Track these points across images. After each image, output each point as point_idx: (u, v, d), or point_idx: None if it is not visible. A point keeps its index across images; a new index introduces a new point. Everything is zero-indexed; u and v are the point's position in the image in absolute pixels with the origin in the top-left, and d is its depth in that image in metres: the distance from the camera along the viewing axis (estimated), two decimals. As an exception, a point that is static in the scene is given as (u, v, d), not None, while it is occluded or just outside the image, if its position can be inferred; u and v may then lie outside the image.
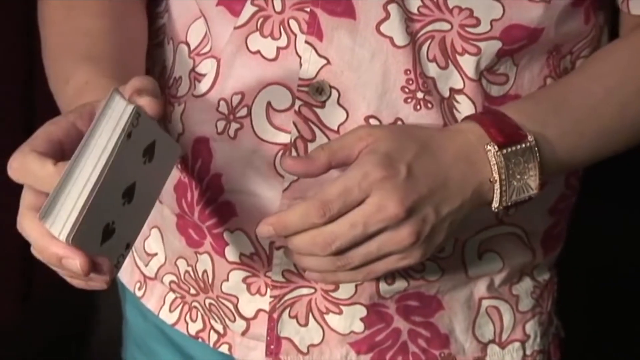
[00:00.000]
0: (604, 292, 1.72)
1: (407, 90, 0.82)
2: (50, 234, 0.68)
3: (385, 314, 0.89)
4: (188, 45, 0.89)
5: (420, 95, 0.82)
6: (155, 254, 0.96)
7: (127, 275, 1.00)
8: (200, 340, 0.94)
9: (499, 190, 0.77)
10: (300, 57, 0.82)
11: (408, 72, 0.81)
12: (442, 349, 0.91)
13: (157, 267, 0.96)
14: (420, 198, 0.74)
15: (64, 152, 0.71)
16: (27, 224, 0.70)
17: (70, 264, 0.68)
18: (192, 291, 0.93)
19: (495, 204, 0.78)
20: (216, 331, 0.93)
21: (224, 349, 0.93)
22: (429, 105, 0.82)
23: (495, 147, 0.77)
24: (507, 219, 0.89)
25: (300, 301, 0.88)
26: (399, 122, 0.82)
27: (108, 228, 0.70)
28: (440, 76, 0.82)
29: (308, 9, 0.82)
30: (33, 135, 0.71)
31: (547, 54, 0.86)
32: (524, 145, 0.78)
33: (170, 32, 0.92)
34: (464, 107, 0.83)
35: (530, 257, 0.93)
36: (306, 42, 0.82)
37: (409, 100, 0.82)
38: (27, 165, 0.69)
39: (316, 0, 0.81)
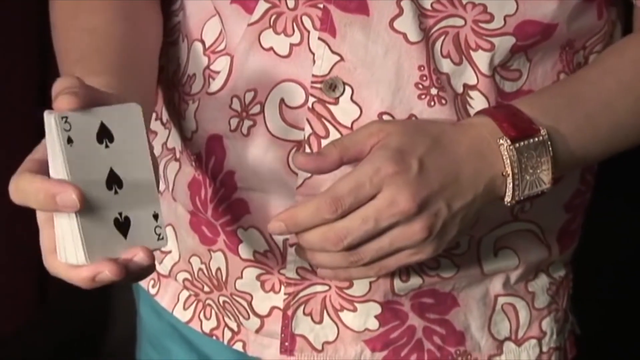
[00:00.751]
0: (618, 288, 1.72)
1: (420, 86, 0.81)
2: (73, 265, 0.68)
3: (400, 312, 0.88)
4: (203, 42, 0.89)
5: (434, 91, 0.81)
6: (169, 252, 0.96)
7: (141, 273, 0.99)
8: (214, 338, 0.94)
9: (511, 185, 0.77)
10: (313, 54, 0.82)
11: (422, 68, 0.81)
12: (457, 346, 0.91)
13: (171, 265, 0.96)
14: (432, 193, 0.74)
15: None
16: (51, 265, 0.70)
17: (103, 278, 0.67)
18: (206, 289, 0.93)
19: (507, 198, 0.78)
20: (230, 329, 0.93)
21: (238, 346, 0.93)
22: (443, 101, 0.82)
23: (508, 141, 0.76)
24: (522, 216, 0.88)
25: (315, 298, 0.88)
26: (413, 118, 0.81)
27: (119, 222, 0.69)
28: (454, 72, 0.82)
29: (321, 6, 0.81)
30: (26, 158, 0.70)
31: (560, 50, 0.86)
32: (536, 139, 0.77)
33: (184, 30, 0.92)
34: (478, 103, 0.83)
35: (546, 254, 0.92)
36: (319, 38, 0.81)
37: (423, 96, 0.81)
38: (23, 186, 0.67)
39: None
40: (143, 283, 1.00)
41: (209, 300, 0.94)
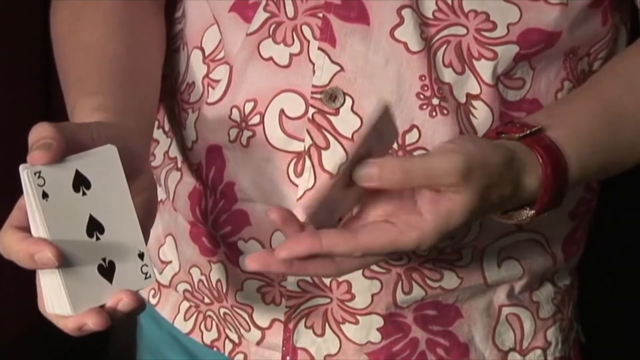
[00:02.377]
0: (622, 295, 1.71)
1: (422, 96, 0.80)
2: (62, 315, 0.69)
3: (403, 324, 0.88)
4: (203, 50, 0.88)
5: (435, 101, 0.80)
6: (170, 262, 0.95)
7: (141, 283, 0.99)
8: (215, 349, 0.94)
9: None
10: (313, 64, 0.81)
11: (423, 78, 0.80)
12: (461, 358, 0.90)
13: (172, 276, 0.95)
14: None
15: None
16: (44, 312, 0.71)
17: (90, 328, 0.68)
18: (207, 300, 0.92)
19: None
20: (231, 340, 0.93)
21: (239, 358, 0.92)
22: (445, 111, 0.81)
23: (533, 212, 0.75)
24: (526, 225, 0.87)
25: (316, 311, 0.87)
26: (415, 129, 0.81)
27: (104, 267, 0.69)
28: (456, 82, 0.81)
29: (321, 15, 0.80)
30: (15, 205, 0.70)
31: (563, 57, 0.85)
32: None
33: (185, 37, 0.91)
34: (481, 113, 0.82)
35: (550, 263, 0.91)
36: (319, 48, 0.81)
37: (425, 106, 0.80)
38: (7, 243, 0.68)
39: (329, 5, 0.80)
40: (144, 293, 0.99)
41: (210, 311, 0.93)
